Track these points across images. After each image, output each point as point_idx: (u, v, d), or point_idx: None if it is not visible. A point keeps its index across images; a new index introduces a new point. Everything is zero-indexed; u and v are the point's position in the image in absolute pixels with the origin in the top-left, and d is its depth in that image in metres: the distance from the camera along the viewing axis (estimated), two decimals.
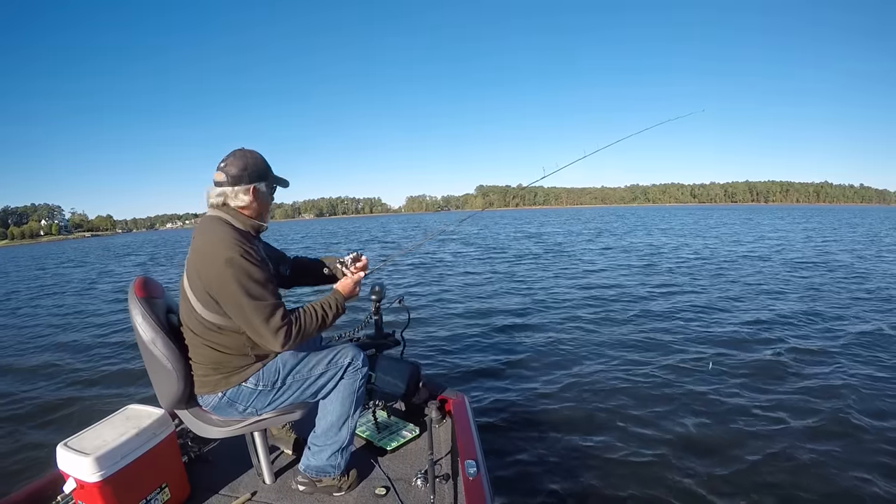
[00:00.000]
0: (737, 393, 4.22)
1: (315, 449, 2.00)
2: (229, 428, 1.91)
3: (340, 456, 2.00)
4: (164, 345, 1.79)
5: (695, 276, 10.94)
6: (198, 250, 1.72)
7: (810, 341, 5.64)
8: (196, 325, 1.77)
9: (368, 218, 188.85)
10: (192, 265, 1.74)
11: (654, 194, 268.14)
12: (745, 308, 7.53)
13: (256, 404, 1.88)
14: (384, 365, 2.75)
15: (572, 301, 8.43)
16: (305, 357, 1.93)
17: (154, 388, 1.91)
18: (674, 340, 5.82)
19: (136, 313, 1.79)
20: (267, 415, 1.93)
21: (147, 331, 1.78)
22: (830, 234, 24.27)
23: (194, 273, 1.73)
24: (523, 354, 5.51)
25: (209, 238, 1.71)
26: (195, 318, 1.76)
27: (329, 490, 2.03)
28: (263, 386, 1.86)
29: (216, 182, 1.80)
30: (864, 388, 4.24)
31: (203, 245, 1.71)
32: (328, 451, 1.98)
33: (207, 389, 1.84)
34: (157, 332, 1.78)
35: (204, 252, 1.70)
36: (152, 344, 1.79)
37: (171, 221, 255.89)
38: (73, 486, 1.71)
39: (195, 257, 1.73)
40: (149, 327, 1.78)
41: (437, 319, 7.44)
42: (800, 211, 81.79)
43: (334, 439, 1.98)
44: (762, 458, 3.23)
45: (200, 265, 1.70)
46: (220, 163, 1.81)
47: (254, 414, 1.91)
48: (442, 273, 12.75)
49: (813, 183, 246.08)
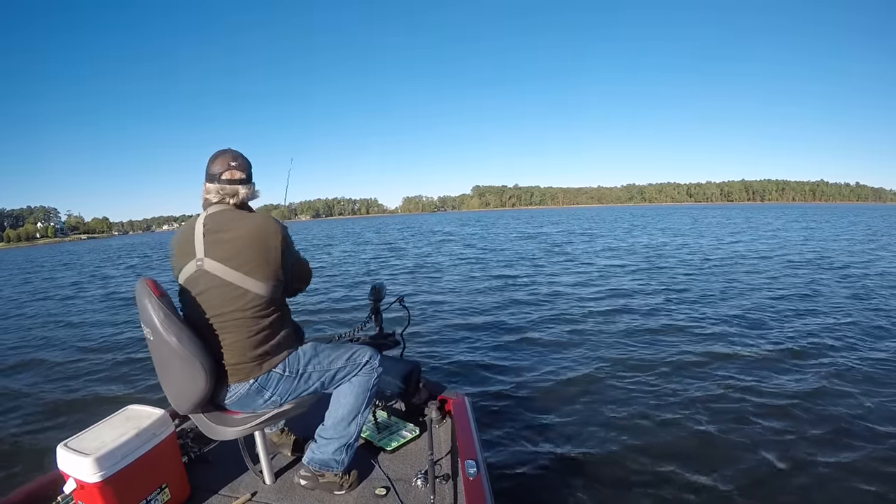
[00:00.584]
0: (741, 397, 4.20)
1: (322, 442, 2.03)
2: (245, 427, 1.91)
3: (345, 452, 2.02)
4: (192, 341, 1.74)
5: (694, 277, 11.00)
6: (249, 233, 1.80)
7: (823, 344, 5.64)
8: (244, 307, 1.79)
9: (365, 219, 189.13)
10: (235, 247, 1.78)
11: (650, 194, 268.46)
12: (754, 309, 7.56)
13: (281, 391, 1.91)
14: (384, 365, 2.74)
15: (572, 301, 8.46)
16: (325, 350, 2.02)
17: (171, 391, 1.84)
18: (674, 341, 5.85)
19: (156, 313, 1.72)
20: (286, 405, 1.96)
21: (172, 329, 1.71)
22: (848, 233, 24.15)
23: (240, 253, 1.78)
24: (523, 354, 5.53)
25: (256, 221, 1.83)
26: (243, 301, 1.79)
27: (330, 487, 2.03)
28: (289, 373, 1.91)
29: (233, 180, 1.88)
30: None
31: (253, 229, 1.81)
32: (335, 444, 2.00)
33: (240, 377, 1.85)
34: (182, 329, 1.73)
35: (257, 232, 1.81)
36: (178, 343, 1.71)
37: (167, 223, 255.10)
38: (73, 487, 1.70)
39: (242, 239, 1.79)
40: (173, 325, 1.71)
41: (437, 319, 7.46)
42: (798, 209, 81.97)
43: (343, 433, 2.01)
44: (767, 461, 3.23)
45: (259, 244, 1.80)
46: (230, 161, 1.89)
47: (275, 404, 1.93)
48: (441, 273, 12.81)
49: (809, 181, 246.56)
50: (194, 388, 1.77)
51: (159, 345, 1.74)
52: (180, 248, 1.85)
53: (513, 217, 79.77)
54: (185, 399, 1.81)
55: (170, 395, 1.86)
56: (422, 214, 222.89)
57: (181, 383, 1.79)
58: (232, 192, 1.88)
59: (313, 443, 2.07)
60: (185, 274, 1.83)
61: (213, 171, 1.88)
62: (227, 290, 1.78)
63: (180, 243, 1.86)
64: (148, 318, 1.73)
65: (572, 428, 3.74)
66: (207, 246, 1.79)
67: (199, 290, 1.80)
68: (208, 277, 1.78)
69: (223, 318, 1.80)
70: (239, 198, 1.90)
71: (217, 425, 1.91)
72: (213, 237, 1.79)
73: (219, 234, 1.79)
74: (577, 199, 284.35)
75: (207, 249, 1.78)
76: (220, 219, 1.83)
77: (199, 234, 1.81)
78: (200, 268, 1.78)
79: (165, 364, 1.79)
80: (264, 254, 1.80)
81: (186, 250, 1.83)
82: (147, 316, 1.73)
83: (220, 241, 1.79)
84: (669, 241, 20.57)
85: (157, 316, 1.71)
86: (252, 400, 1.90)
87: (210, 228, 1.81)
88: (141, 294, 1.75)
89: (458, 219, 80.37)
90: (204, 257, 1.78)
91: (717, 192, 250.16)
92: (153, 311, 1.72)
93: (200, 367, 1.73)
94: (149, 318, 1.73)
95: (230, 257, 1.77)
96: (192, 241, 1.81)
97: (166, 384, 1.86)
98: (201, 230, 1.81)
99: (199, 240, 1.80)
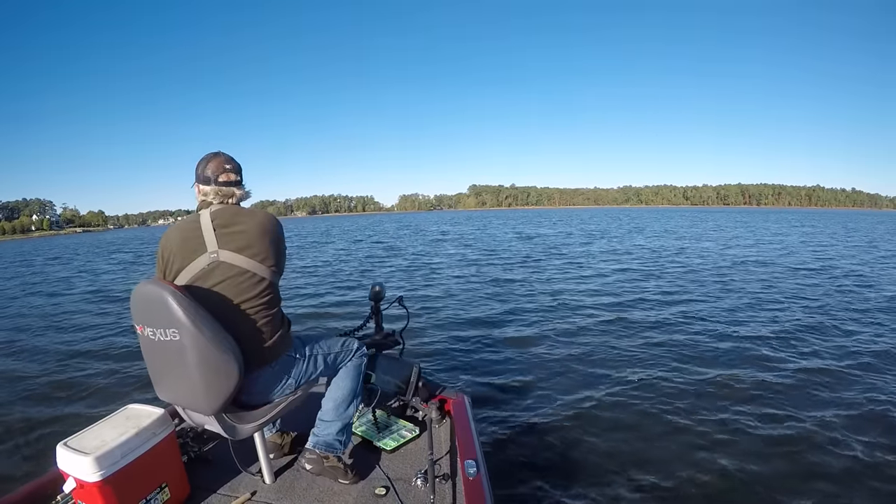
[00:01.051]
0: (751, 400, 4.21)
1: (324, 425, 2.15)
2: (263, 420, 1.94)
3: (346, 433, 2.18)
4: (225, 334, 1.72)
5: (694, 280, 11.03)
6: (258, 225, 1.90)
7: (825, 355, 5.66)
8: (261, 294, 1.89)
9: (361, 216, 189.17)
10: (249, 238, 1.87)
11: (646, 196, 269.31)
12: (754, 317, 7.57)
13: (295, 374, 2.02)
14: (384, 365, 2.76)
15: (572, 302, 8.49)
16: (318, 337, 2.18)
17: (197, 393, 1.75)
18: (674, 341, 5.88)
19: (186, 311, 1.64)
20: (298, 391, 2.05)
21: (207, 324, 1.67)
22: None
23: (255, 243, 1.87)
24: (523, 354, 5.55)
25: (263, 217, 1.94)
26: (260, 288, 1.88)
27: (334, 474, 2.11)
28: (300, 355, 2.04)
29: (230, 182, 1.97)
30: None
31: (261, 222, 1.91)
32: (337, 425, 2.14)
33: (261, 363, 1.91)
34: (215, 322, 1.70)
35: (265, 224, 1.92)
36: (214, 337, 1.67)
37: (162, 218, 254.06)
38: (72, 486, 1.70)
39: (253, 231, 1.88)
40: (206, 320, 1.68)
41: (437, 319, 7.47)
42: (796, 214, 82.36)
43: (344, 415, 2.16)
44: (773, 465, 3.23)
45: (268, 234, 1.91)
46: (225, 164, 1.98)
47: (291, 388, 2.02)
48: (441, 273, 12.82)
49: (805, 186, 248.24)
50: (228, 383, 1.74)
51: (189, 345, 1.66)
52: (183, 244, 1.85)
53: (510, 217, 79.80)
54: (216, 397, 1.75)
55: (194, 397, 1.78)
56: (418, 213, 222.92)
57: (212, 381, 1.72)
58: (229, 193, 1.96)
59: (315, 428, 2.17)
60: (194, 270, 1.82)
61: (209, 174, 1.94)
62: (244, 279, 1.84)
63: (183, 240, 1.86)
64: (173, 318, 1.64)
65: (572, 427, 3.75)
66: (221, 239, 1.84)
67: (213, 282, 1.82)
68: (225, 268, 1.83)
69: (241, 307, 1.85)
70: (236, 198, 1.99)
71: (237, 424, 1.89)
72: (225, 230, 1.85)
73: (231, 228, 1.86)
74: (574, 200, 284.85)
75: (221, 242, 1.84)
76: (228, 214, 1.90)
77: (209, 228, 1.85)
78: (216, 260, 1.82)
79: (192, 365, 1.70)
80: (273, 243, 1.91)
81: (193, 247, 1.84)
82: (171, 316, 1.64)
83: (234, 234, 1.86)
84: (669, 245, 20.63)
85: (187, 314, 1.64)
86: (273, 385, 1.98)
87: (220, 223, 1.87)
88: (158, 294, 1.67)
89: (452, 218, 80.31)
90: (219, 249, 1.83)
91: (713, 196, 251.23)
92: (183, 309, 1.64)
93: (234, 359, 1.73)
94: (175, 318, 1.64)
95: (246, 247, 1.85)
96: (201, 236, 1.84)
97: (188, 387, 1.76)
98: (210, 225, 1.85)
99: (209, 234, 1.84)
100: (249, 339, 1.85)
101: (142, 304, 1.74)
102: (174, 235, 1.89)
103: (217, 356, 1.69)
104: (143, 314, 1.75)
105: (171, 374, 1.80)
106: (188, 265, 1.83)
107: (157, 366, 1.85)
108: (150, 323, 1.73)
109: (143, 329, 1.77)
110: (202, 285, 1.81)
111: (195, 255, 1.83)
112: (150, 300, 1.70)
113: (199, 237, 1.84)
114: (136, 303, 1.77)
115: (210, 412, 1.79)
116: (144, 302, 1.73)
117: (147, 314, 1.73)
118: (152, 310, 1.70)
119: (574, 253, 17.50)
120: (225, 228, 1.85)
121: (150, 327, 1.74)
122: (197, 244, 1.84)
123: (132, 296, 1.78)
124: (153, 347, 1.77)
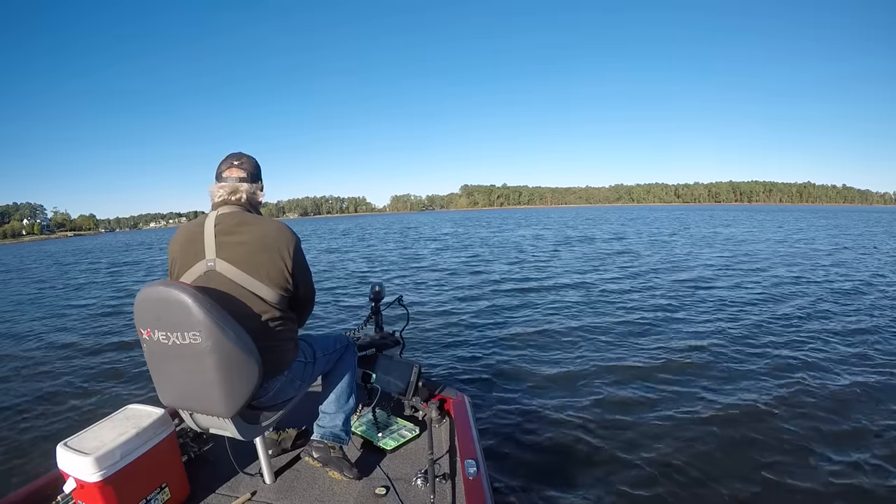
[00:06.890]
0: (743, 394, 4.25)
1: (328, 417, 2.21)
2: (273, 419, 1.95)
3: (349, 424, 2.25)
4: (242, 333, 1.66)
5: (695, 280, 11.05)
6: (259, 239, 1.78)
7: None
8: (256, 311, 1.79)
9: (353, 217, 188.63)
10: (247, 251, 1.76)
11: (638, 194, 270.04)
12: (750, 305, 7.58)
13: (304, 377, 2.05)
14: (384, 364, 2.76)
15: (572, 302, 8.50)
16: (316, 338, 2.20)
17: (212, 395, 1.68)
18: (674, 341, 5.89)
19: (209, 312, 1.57)
20: (302, 390, 2.08)
21: (230, 324, 1.62)
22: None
23: (253, 259, 1.76)
24: (523, 354, 5.56)
25: (269, 227, 1.82)
26: (253, 304, 1.78)
27: (339, 465, 2.11)
28: (306, 359, 2.05)
29: (239, 178, 1.89)
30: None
31: (264, 235, 1.80)
32: (341, 416, 2.21)
33: (277, 370, 1.89)
34: (237, 323, 1.65)
35: (267, 239, 1.79)
36: (237, 338, 1.62)
37: (154, 221, 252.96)
38: (73, 486, 1.69)
39: (253, 245, 1.77)
40: (229, 321, 1.62)
41: (437, 319, 7.48)
42: (787, 210, 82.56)
43: (346, 406, 2.23)
44: (775, 468, 3.21)
45: (270, 250, 1.79)
46: (234, 161, 1.92)
47: (299, 389, 2.04)
48: (441, 273, 12.80)
49: (796, 183, 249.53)
50: (248, 385, 1.69)
51: (211, 347, 1.59)
52: (185, 246, 1.80)
53: (504, 216, 79.72)
54: (235, 399, 1.70)
55: (209, 401, 1.71)
56: (410, 213, 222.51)
57: (233, 383, 1.67)
58: (231, 188, 1.87)
59: (319, 419, 2.23)
60: (193, 275, 1.77)
61: (218, 171, 1.91)
62: (238, 293, 1.75)
63: (186, 242, 1.81)
64: (194, 320, 1.57)
65: (572, 427, 3.76)
66: (219, 247, 1.76)
67: (212, 290, 1.74)
68: (219, 279, 1.74)
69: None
70: (240, 194, 1.88)
71: (250, 424, 1.88)
72: (225, 238, 1.76)
73: (231, 237, 1.77)
74: (566, 199, 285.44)
75: (220, 250, 1.75)
76: (232, 220, 1.80)
77: (210, 234, 1.77)
78: (212, 269, 1.75)
79: (211, 368, 1.63)
80: (275, 261, 1.79)
81: (193, 250, 1.78)
82: (192, 318, 1.57)
83: (233, 244, 1.76)
84: (670, 242, 20.68)
85: (210, 315, 1.57)
86: (287, 389, 1.98)
87: (222, 229, 1.78)
88: (175, 296, 1.57)
89: (448, 219, 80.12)
90: (216, 258, 1.75)
91: (704, 193, 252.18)
92: (206, 311, 1.57)
93: (255, 361, 1.69)
94: (196, 320, 1.56)
95: (242, 261, 1.75)
96: (202, 240, 1.77)
97: (204, 390, 1.69)
98: (212, 230, 1.78)
99: (209, 240, 1.77)
100: (262, 350, 1.76)
101: (154, 306, 1.63)
102: (180, 237, 1.85)
103: (240, 357, 1.64)
104: (154, 317, 1.63)
105: (184, 378, 1.71)
106: (188, 270, 1.78)
107: (166, 370, 1.73)
108: (164, 326, 1.62)
109: (153, 333, 1.65)
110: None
111: (194, 260, 1.78)
112: (165, 302, 1.59)
113: (199, 241, 1.78)
114: (146, 306, 1.64)
115: (228, 414, 1.73)
116: (157, 304, 1.62)
117: (160, 317, 1.62)
118: (169, 312, 1.59)
119: (574, 253, 17.50)
120: (226, 236, 1.77)
121: (163, 331, 1.62)
122: (197, 248, 1.78)
123: (139, 299, 1.66)
124: (164, 352, 1.66)
